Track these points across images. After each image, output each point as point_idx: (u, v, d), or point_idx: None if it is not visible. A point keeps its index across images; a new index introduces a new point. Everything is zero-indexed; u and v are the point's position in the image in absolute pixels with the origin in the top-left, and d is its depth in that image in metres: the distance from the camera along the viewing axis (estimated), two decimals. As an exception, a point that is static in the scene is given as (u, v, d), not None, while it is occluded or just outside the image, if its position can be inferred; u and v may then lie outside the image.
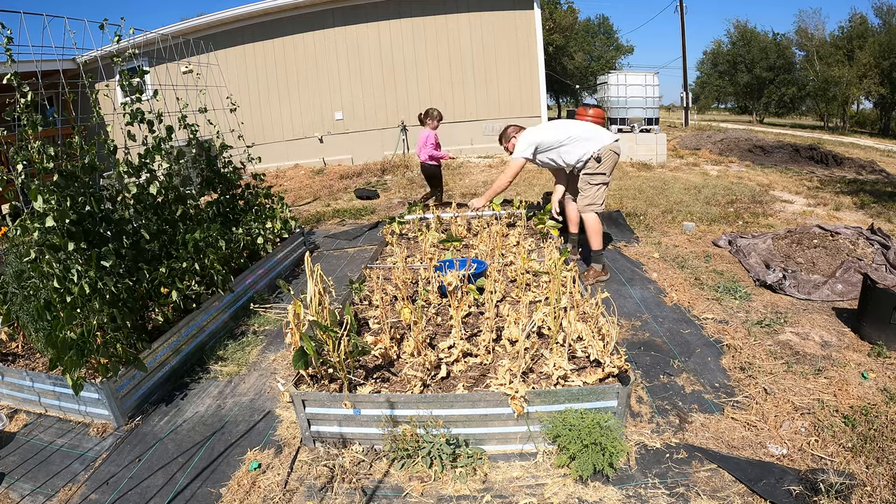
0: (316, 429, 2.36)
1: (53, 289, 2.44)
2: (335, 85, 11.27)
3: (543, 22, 12.78)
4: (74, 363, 2.42)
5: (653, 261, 4.63)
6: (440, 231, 4.75)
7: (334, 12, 10.85)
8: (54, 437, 2.61)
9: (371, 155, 11.18)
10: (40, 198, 2.38)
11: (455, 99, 11.22)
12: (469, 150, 11.19)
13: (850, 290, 3.71)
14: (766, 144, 11.64)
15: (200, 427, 2.62)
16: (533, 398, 2.19)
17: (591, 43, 32.07)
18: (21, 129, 2.56)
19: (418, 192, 8.06)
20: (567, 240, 4.73)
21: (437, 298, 3.28)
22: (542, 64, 11.04)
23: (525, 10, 10.85)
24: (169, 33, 5.52)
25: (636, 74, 10.42)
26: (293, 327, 2.35)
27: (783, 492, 1.97)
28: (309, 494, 2.11)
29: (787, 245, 4.68)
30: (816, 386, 2.65)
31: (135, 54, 3.71)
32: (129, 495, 2.16)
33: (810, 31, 28.52)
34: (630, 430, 2.37)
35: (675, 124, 19.56)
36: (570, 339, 2.49)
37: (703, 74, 36.63)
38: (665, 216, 6.05)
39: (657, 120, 10.34)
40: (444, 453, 2.14)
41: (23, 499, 2.18)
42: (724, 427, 2.38)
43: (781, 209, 6.39)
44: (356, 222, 6.64)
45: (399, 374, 2.50)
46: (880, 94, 24.99)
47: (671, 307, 3.67)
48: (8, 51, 2.53)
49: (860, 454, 2.14)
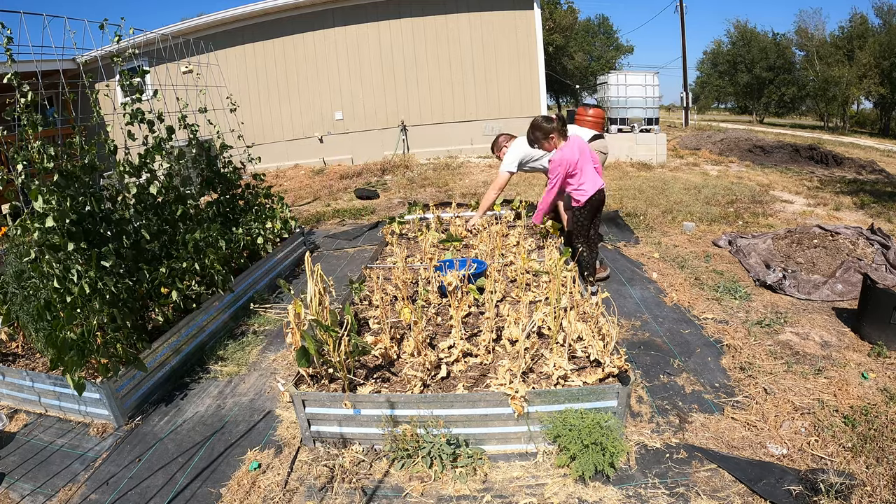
0: (316, 429, 2.36)
1: (53, 289, 2.44)
2: (335, 85, 11.27)
3: (543, 22, 12.78)
4: (75, 363, 2.42)
5: (653, 261, 4.63)
6: (440, 231, 4.75)
7: (334, 12, 10.85)
8: (54, 437, 2.61)
9: (371, 155, 11.18)
10: (40, 198, 2.38)
11: (455, 99, 11.22)
12: (469, 150, 11.19)
13: (850, 290, 3.71)
14: (766, 144, 11.64)
15: (200, 427, 2.62)
16: (533, 398, 2.19)
17: (591, 43, 32.07)
18: (21, 129, 2.56)
19: (418, 193, 8.05)
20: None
21: (437, 298, 3.28)
22: (542, 64, 11.04)
23: (525, 10, 10.85)
24: (169, 33, 5.52)
25: (636, 74, 10.42)
26: (294, 327, 2.35)
27: (783, 492, 1.97)
28: (309, 494, 2.11)
29: (787, 245, 4.68)
30: (816, 386, 2.65)
31: (135, 54, 3.71)
32: (129, 495, 2.16)
33: (810, 31, 28.53)
34: (630, 429, 2.37)
35: (675, 124, 19.56)
36: (570, 339, 2.49)
37: (703, 74, 36.63)
38: (665, 216, 6.05)
39: (657, 120, 10.34)
40: (444, 453, 2.14)
41: (23, 499, 2.18)
42: (724, 427, 2.38)
43: (781, 209, 6.39)
44: (356, 222, 6.63)
45: (399, 374, 2.50)
46: (880, 94, 24.98)
47: (671, 307, 3.67)
48: (8, 51, 2.53)
49: (860, 454, 2.14)
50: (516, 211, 5.06)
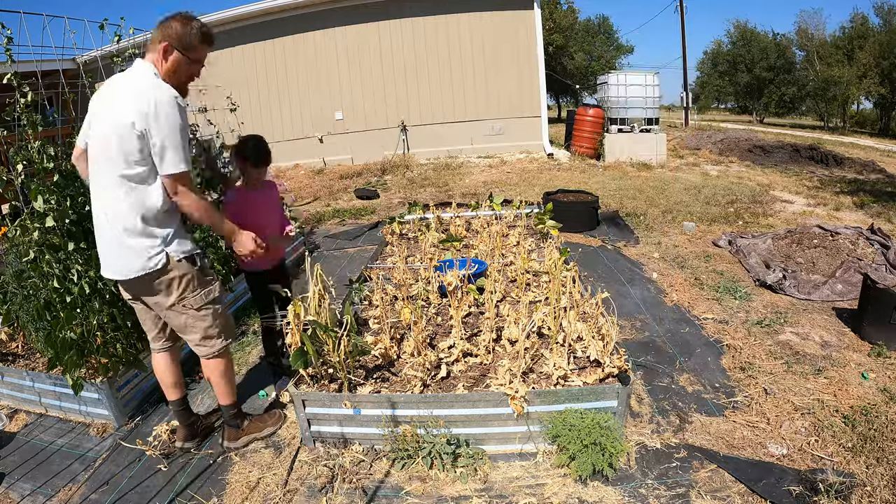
0: (316, 429, 2.36)
1: (53, 289, 2.43)
2: (335, 85, 11.26)
3: (543, 22, 12.76)
4: (74, 363, 2.42)
5: (653, 261, 4.63)
6: (440, 231, 4.75)
7: (334, 12, 10.85)
8: (54, 437, 2.60)
9: (371, 155, 11.17)
10: (41, 198, 2.38)
11: (455, 99, 11.22)
12: (469, 150, 11.19)
13: (850, 290, 3.71)
14: (766, 144, 11.64)
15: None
16: (533, 398, 2.19)
17: (591, 43, 32.03)
18: (21, 129, 2.55)
19: (418, 193, 8.05)
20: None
21: (437, 298, 3.28)
22: (542, 64, 11.03)
23: (525, 10, 10.84)
24: (169, 33, 5.52)
25: (636, 74, 10.41)
26: (293, 327, 2.35)
27: (783, 492, 1.97)
28: (309, 494, 2.11)
29: (787, 245, 4.68)
30: (816, 386, 2.65)
31: (135, 54, 3.70)
32: (129, 495, 2.16)
33: (811, 31, 28.53)
34: (630, 429, 2.37)
35: (675, 124, 19.56)
36: (570, 339, 2.49)
37: (703, 74, 36.60)
38: (665, 216, 6.05)
39: (657, 120, 10.34)
40: (444, 453, 2.14)
41: (23, 499, 2.18)
42: (724, 427, 2.38)
43: (781, 209, 6.39)
44: (356, 222, 6.63)
45: (399, 374, 2.50)
46: (880, 93, 24.97)
47: (671, 307, 3.67)
48: (8, 51, 2.52)
49: (860, 454, 2.14)
50: (516, 211, 5.06)
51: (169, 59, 1.97)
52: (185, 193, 1.94)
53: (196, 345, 2.20)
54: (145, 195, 1.91)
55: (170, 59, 1.97)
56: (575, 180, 8.23)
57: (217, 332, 2.21)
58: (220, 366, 2.28)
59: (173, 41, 1.96)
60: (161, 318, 2.22)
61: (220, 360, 2.27)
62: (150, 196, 1.92)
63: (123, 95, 1.88)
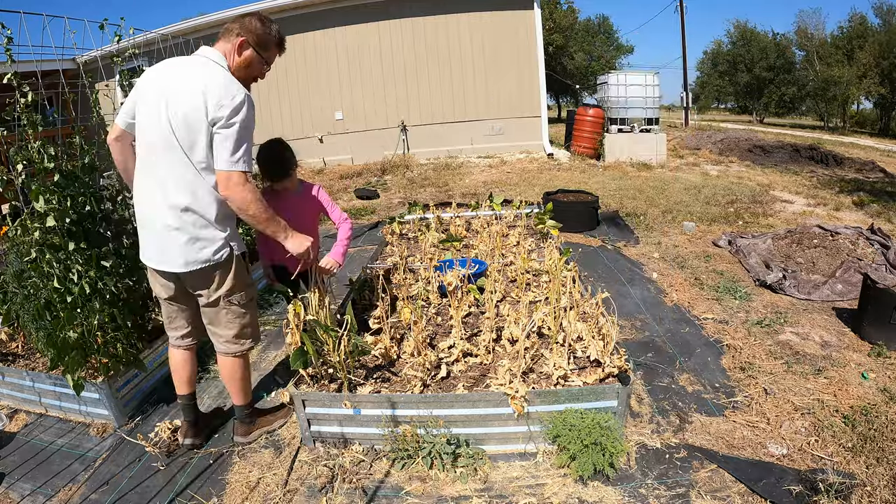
0: (316, 429, 2.36)
1: (54, 289, 2.43)
2: (335, 85, 11.26)
3: (543, 22, 12.76)
4: (75, 363, 2.42)
5: (653, 261, 4.63)
6: (440, 231, 4.75)
7: (334, 12, 10.84)
8: (54, 437, 2.60)
9: (371, 155, 11.17)
10: (41, 198, 2.38)
11: (455, 99, 11.22)
12: (469, 150, 11.19)
13: (850, 290, 3.71)
14: (766, 144, 11.65)
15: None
16: (533, 398, 2.19)
17: (591, 43, 32.05)
18: (21, 129, 2.55)
19: (418, 193, 8.05)
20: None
21: (437, 298, 3.28)
22: (542, 64, 11.03)
23: (525, 10, 10.84)
24: (169, 33, 5.51)
25: (636, 74, 10.42)
26: (293, 327, 2.35)
27: (783, 491, 1.97)
28: (309, 494, 2.11)
29: (787, 245, 4.68)
30: (816, 386, 2.65)
31: (135, 54, 3.71)
32: (129, 495, 2.16)
33: (810, 30, 28.54)
34: (630, 429, 2.37)
35: (675, 124, 19.56)
36: (570, 339, 2.49)
37: (703, 74, 36.62)
38: (665, 216, 6.05)
39: (657, 120, 10.35)
40: (444, 453, 2.14)
41: (23, 499, 2.18)
42: (724, 427, 2.38)
43: (781, 209, 6.39)
44: (356, 222, 6.63)
45: (399, 374, 2.50)
46: (880, 93, 24.99)
47: (671, 307, 3.67)
48: (8, 51, 2.52)
49: (860, 454, 2.14)
50: (516, 211, 5.06)
51: (243, 55, 1.97)
52: (244, 189, 1.86)
53: (226, 341, 2.19)
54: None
55: (244, 54, 1.97)
56: (575, 180, 8.23)
57: (250, 332, 2.24)
58: (241, 366, 2.29)
59: (251, 38, 1.96)
60: (195, 316, 2.22)
61: (242, 360, 2.28)
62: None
63: (200, 84, 1.81)
